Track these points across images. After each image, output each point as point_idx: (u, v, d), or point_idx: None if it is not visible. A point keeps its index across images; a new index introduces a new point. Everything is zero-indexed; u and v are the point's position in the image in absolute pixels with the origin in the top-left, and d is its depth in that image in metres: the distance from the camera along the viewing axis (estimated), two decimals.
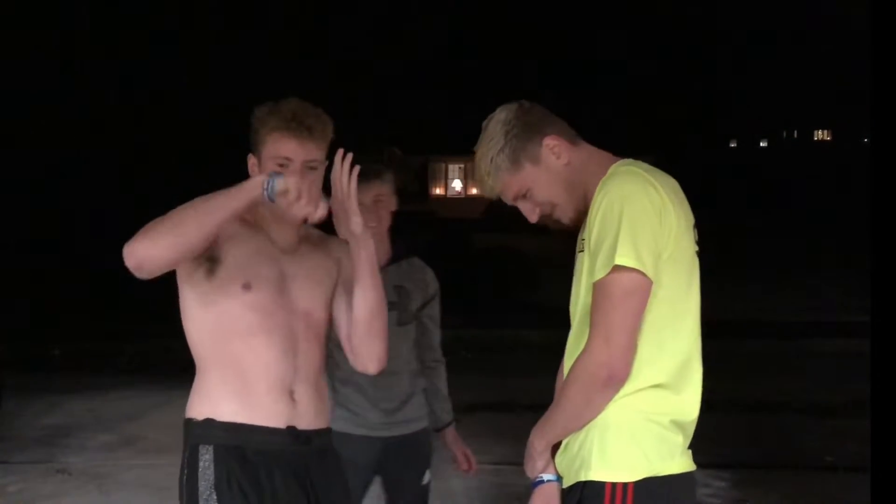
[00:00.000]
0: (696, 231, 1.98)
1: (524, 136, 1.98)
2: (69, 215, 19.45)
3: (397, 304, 2.97)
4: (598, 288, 1.82)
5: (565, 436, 1.95)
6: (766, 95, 41.78)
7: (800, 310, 13.12)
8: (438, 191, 36.13)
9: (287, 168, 2.09)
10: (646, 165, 1.95)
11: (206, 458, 2.06)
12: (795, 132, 50.03)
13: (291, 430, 2.12)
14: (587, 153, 2.02)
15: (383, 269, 2.92)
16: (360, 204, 2.77)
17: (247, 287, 2.08)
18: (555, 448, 2.00)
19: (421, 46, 33.53)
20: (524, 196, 2.01)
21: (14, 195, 18.40)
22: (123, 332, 11.28)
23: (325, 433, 2.23)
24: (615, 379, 1.81)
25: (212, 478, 2.06)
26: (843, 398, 7.20)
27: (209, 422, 2.09)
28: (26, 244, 17.36)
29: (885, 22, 2.29)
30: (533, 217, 2.04)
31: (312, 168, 2.13)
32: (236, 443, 2.07)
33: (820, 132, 50.64)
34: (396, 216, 3.06)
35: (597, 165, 1.97)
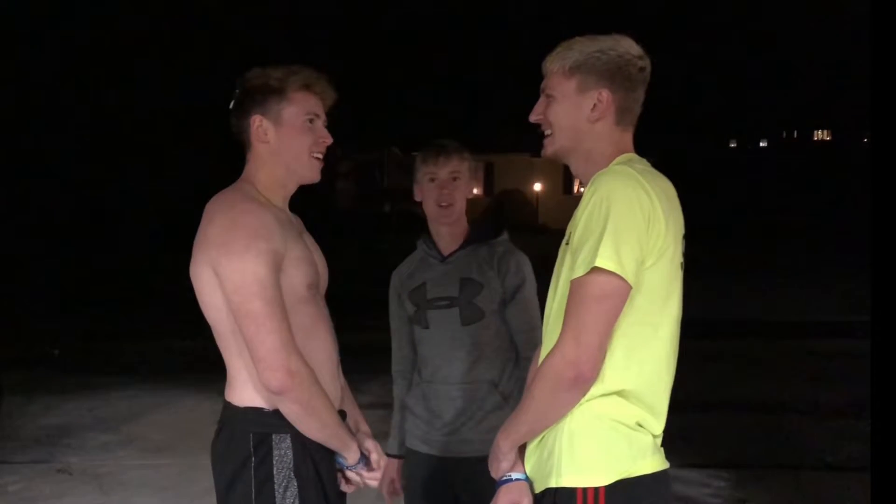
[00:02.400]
0: (684, 242, 1.94)
1: (598, 70, 1.92)
2: (69, 215, 19.45)
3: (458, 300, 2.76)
4: (574, 286, 1.79)
5: (530, 437, 1.93)
6: (766, 95, 41.77)
7: (800, 310, 13.10)
8: None
9: (314, 123, 2.16)
10: (642, 167, 1.91)
11: (283, 445, 2.06)
12: (795, 132, 50.04)
13: (341, 412, 2.19)
14: (618, 137, 1.97)
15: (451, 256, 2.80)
16: (434, 179, 2.76)
17: (311, 288, 2.11)
18: (522, 449, 1.98)
19: (422, 47, 33.51)
20: (547, 95, 1.99)
21: (13, 195, 18.40)
22: (123, 332, 11.27)
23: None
24: (582, 379, 1.78)
25: (291, 464, 2.06)
26: (843, 398, 7.19)
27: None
28: (26, 244, 17.36)
29: (885, 22, 2.29)
30: (532, 115, 2.02)
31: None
32: None
33: (820, 132, 50.67)
34: (396, 215, 3.00)
35: (613, 150, 1.94)
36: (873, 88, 2.30)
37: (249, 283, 1.95)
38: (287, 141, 2.14)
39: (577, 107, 1.94)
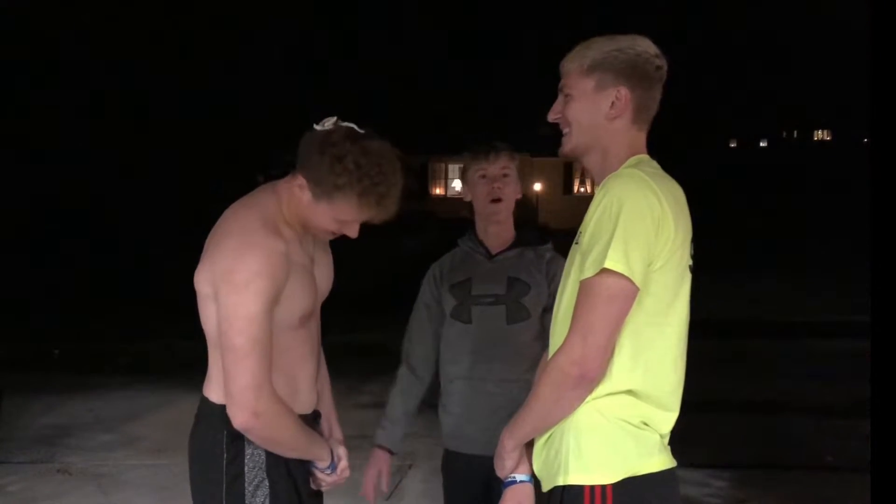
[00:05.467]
0: (692, 245, 1.96)
1: (616, 68, 1.94)
2: (69, 215, 19.45)
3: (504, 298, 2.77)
4: (583, 287, 1.81)
5: (535, 435, 1.95)
6: (766, 95, 41.76)
7: (800, 310, 13.10)
8: (438, 191, 36.08)
9: (346, 225, 2.12)
10: (652, 170, 1.93)
11: (255, 445, 2.07)
12: (795, 132, 50.04)
13: (315, 413, 2.24)
14: (634, 136, 1.98)
15: (498, 255, 2.83)
16: (485, 176, 2.80)
17: (303, 319, 2.13)
18: (528, 448, 1.99)
19: (421, 47, 33.52)
20: (566, 95, 2.00)
21: (14, 195, 18.39)
22: (123, 333, 11.27)
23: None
24: (587, 378, 1.80)
25: (263, 464, 2.08)
26: (843, 398, 7.19)
27: None
28: (26, 244, 17.36)
29: (885, 22, 2.29)
30: (551, 114, 2.03)
31: None
32: None
33: (820, 132, 50.69)
34: (396, 215, 2.95)
35: (627, 150, 1.96)
36: (873, 88, 2.30)
37: (239, 318, 1.96)
38: (312, 216, 2.11)
39: (595, 104, 1.95)
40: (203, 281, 2.05)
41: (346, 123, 2.08)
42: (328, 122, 2.09)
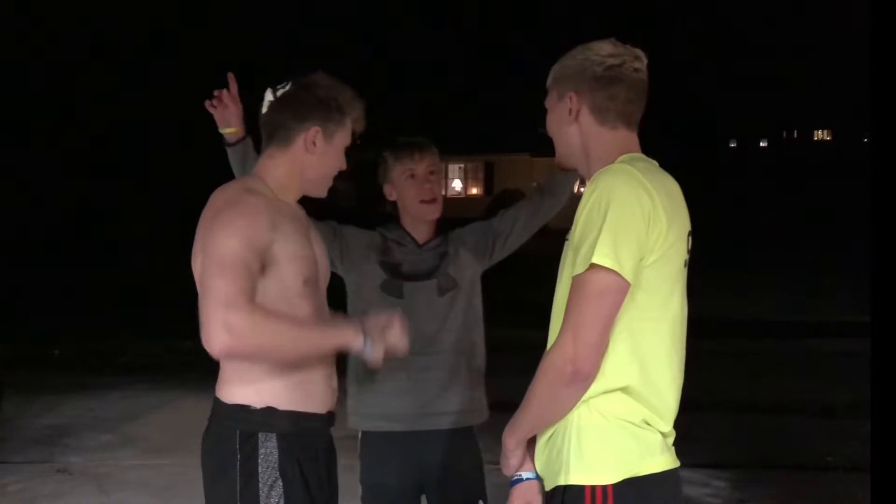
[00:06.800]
0: (690, 239, 1.96)
1: (566, 77, 2.02)
2: (69, 215, 19.46)
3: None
4: (574, 284, 1.83)
5: (534, 433, 1.95)
6: (766, 95, 41.77)
7: (800, 310, 13.10)
8: None
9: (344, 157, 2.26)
10: (645, 165, 1.93)
11: (268, 444, 2.07)
12: (795, 132, 50.03)
13: (330, 413, 2.21)
14: (613, 137, 1.99)
15: (424, 244, 2.85)
16: (413, 175, 2.79)
17: (308, 282, 2.12)
18: (531, 444, 1.99)
19: (421, 45, 33.54)
20: (545, 110, 2.10)
21: (14, 196, 18.41)
22: (123, 332, 11.27)
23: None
24: (580, 375, 1.80)
25: (276, 463, 2.07)
26: (843, 398, 7.19)
27: (270, 410, 2.08)
28: (26, 244, 17.37)
29: (885, 22, 2.29)
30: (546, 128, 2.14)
31: None
32: (298, 431, 2.12)
33: (820, 132, 50.70)
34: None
35: (613, 149, 1.97)
36: (873, 88, 2.31)
37: (215, 253, 1.98)
38: (326, 160, 2.21)
39: (559, 114, 2.03)
40: (196, 258, 2.06)
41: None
42: (274, 91, 2.20)
